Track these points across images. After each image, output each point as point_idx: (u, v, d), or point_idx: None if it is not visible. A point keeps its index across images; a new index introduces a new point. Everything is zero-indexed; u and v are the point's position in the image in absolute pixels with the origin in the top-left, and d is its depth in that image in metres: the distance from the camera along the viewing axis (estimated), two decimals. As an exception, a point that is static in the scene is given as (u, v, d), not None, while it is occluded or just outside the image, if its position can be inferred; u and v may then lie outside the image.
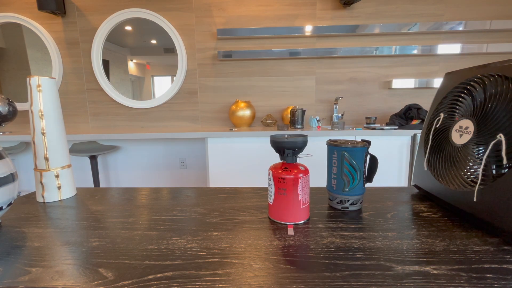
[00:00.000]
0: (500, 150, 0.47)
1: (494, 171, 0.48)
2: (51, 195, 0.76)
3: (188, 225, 0.59)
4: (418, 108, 2.06)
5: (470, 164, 0.53)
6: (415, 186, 0.73)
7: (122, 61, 2.42)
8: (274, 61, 2.36)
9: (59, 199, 0.77)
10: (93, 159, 2.22)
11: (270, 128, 2.22)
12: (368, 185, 2.14)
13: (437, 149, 0.64)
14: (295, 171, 0.57)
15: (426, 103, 2.30)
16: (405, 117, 2.10)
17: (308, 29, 2.22)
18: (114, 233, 0.56)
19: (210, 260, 0.45)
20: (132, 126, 2.50)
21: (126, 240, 0.53)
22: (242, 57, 2.28)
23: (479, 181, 0.50)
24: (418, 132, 1.90)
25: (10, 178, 0.58)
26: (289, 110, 2.26)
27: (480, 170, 0.50)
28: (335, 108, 2.29)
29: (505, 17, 2.21)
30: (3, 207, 0.58)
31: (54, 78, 0.76)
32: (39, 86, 0.73)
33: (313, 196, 0.74)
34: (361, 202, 0.65)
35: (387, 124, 2.09)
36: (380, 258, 0.45)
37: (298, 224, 0.58)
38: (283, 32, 2.23)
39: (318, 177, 1.99)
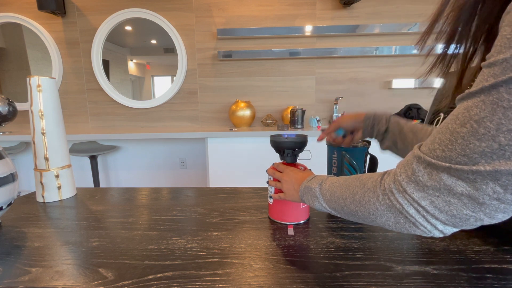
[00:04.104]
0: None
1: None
2: (51, 195, 0.76)
3: (188, 225, 0.59)
4: (418, 108, 2.06)
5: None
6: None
7: (122, 61, 2.42)
8: (274, 61, 2.36)
9: (59, 199, 0.77)
10: (93, 159, 2.22)
11: (270, 128, 2.22)
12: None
13: (437, 149, 0.64)
14: (295, 171, 0.57)
15: (426, 103, 2.30)
16: (405, 117, 2.09)
17: (308, 29, 2.21)
18: (114, 233, 0.56)
19: (210, 260, 0.45)
20: (132, 126, 2.50)
21: (126, 240, 0.53)
22: (242, 57, 2.28)
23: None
24: (418, 132, 1.89)
25: (10, 178, 0.58)
26: (289, 110, 2.26)
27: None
28: (335, 108, 2.29)
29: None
30: (3, 207, 0.58)
31: (54, 78, 0.76)
32: (39, 86, 0.73)
33: (313, 196, 0.74)
34: (361, 202, 0.65)
35: (387, 124, 2.09)
36: (380, 258, 0.45)
37: (298, 224, 0.58)
38: (283, 32, 2.23)
39: (318, 177, 1.98)
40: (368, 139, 0.65)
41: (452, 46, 0.37)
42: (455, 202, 0.28)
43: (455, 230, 0.31)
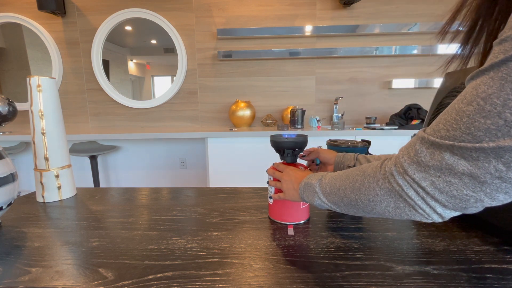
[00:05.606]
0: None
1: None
2: (51, 195, 0.76)
3: (188, 225, 0.59)
4: (418, 108, 2.06)
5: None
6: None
7: (122, 61, 2.42)
8: (274, 61, 2.36)
9: (59, 199, 0.77)
10: (93, 159, 2.22)
11: (270, 128, 2.22)
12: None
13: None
14: (295, 171, 0.57)
15: (426, 103, 2.30)
16: (405, 117, 2.09)
17: (308, 29, 2.21)
18: (114, 233, 0.56)
19: (210, 260, 0.45)
20: (132, 126, 2.50)
21: (126, 240, 0.53)
22: (242, 57, 2.28)
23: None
24: (418, 132, 1.89)
25: (10, 178, 0.58)
26: (289, 110, 2.26)
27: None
28: (335, 108, 2.29)
29: (505, 17, 2.20)
30: (3, 207, 0.58)
31: (54, 78, 0.76)
32: (39, 86, 0.73)
33: (313, 196, 0.74)
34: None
35: (387, 124, 2.09)
36: (380, 258, 0.45)
37: (298, 224, 0.58)
38: (283, 32, 2.23)
39: (318, 177, 1.98)
40: None
41: (470, 43, 0.37)
42: (456, 182, 0.28)
43: (455, 214, 0.31)
